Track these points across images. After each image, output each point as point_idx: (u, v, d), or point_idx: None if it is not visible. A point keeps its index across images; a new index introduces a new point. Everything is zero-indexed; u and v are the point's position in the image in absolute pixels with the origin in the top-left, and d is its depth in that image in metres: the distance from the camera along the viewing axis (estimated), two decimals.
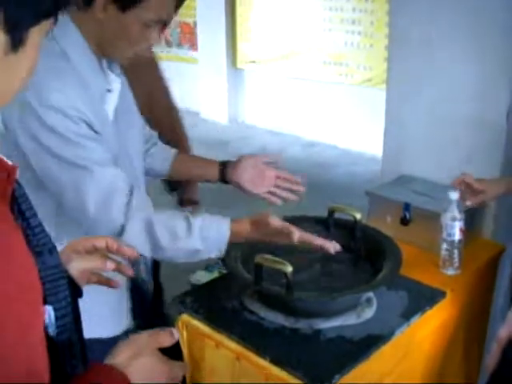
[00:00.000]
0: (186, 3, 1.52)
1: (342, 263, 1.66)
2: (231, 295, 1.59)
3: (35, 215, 0.79)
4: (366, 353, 1.39)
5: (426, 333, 1.61)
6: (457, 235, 1.72)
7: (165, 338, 0.94)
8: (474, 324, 1.92)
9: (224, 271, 2.60)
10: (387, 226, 1.72)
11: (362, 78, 5.82)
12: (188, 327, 1.53)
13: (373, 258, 1.60)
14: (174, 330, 0.95)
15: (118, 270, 1.10)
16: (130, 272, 1.13)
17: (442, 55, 2.07)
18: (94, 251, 1.08)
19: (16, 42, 0.69)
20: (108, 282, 1.12)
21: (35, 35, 0.72)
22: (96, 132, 1.36)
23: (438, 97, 2.11)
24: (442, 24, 2.03)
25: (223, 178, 1.69)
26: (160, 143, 1.77)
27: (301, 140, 6.36)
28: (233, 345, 1.44)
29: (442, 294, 1.63)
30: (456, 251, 1.74)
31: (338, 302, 1.48)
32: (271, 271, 1.40)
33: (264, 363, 1.37)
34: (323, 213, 1.73)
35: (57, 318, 0.80)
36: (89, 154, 1.33)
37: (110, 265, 1.07)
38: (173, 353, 1.64)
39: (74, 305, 0.85)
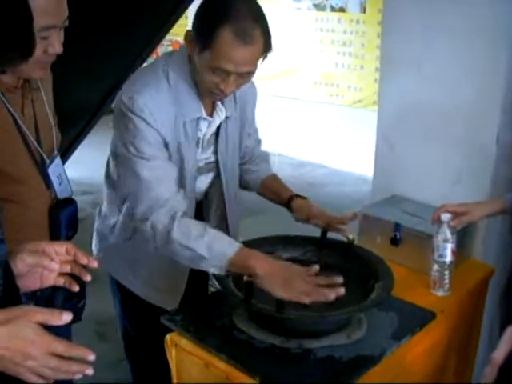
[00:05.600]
0: (178, 21, 1.54)
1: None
2: (222, 313, 1.57)
3: None
4: (356, 374, 1.37)
5: (416, 354, 1.60)
6: (448, 256, 1.72)
7: (50, 315, 0.92)
8: (464, 345, 1.91)
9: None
10: (377, 246, 1.72)
11: (352, 99, 5.86)
12: (177, 346, 1.51)
13: (364, 278, 1.59)
14: (66, 313, 0.92)
15: (73, 272, 1.15)
16: (88, 278, 1.15)
17: (433, 77, 2.09)
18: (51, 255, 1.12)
19: None
20: (70, 284, 1.16)
21: None
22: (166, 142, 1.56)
23: (429, 118, 2.13)
24: (434, 47, 2.06)
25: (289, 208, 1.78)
26: (260, 163, 1.92)
27: (291, 160, 6.37)
28: (222, 364, 1.42)
29: (433, 315, 1.62)
30: (447, 272, 1.74)
31: (329, 321, 1.48)
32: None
33: (253, 383, 1.36)
34: (314, 232, 1.73)
35: None
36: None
37: (54, 265, 1.12)
38: (162, 371, 1.63)
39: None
